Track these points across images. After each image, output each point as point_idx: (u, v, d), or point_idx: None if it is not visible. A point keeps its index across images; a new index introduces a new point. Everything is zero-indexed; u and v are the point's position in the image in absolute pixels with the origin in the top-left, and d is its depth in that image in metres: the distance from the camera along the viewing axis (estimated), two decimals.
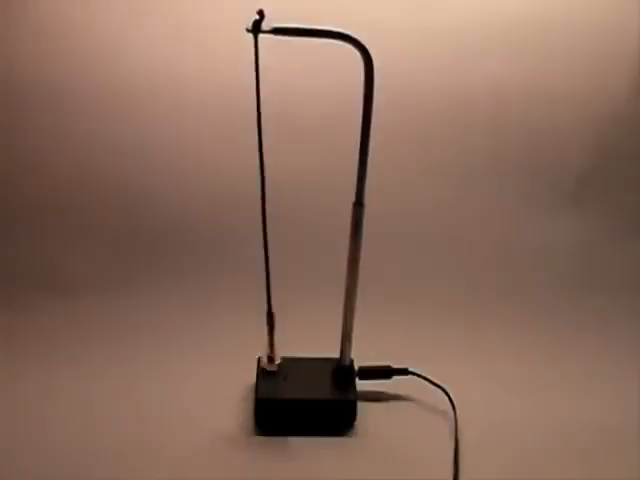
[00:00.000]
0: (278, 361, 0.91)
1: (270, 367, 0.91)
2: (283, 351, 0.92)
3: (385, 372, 0.96)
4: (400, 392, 0.96)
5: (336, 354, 0.93)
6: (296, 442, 0.88)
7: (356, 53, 0.76)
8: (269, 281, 0.85)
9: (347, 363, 0.93)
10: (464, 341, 1.08)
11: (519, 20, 1.24)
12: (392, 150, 1.23)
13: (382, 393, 0.96)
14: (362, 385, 0.94)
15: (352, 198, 0.84)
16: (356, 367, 0.94)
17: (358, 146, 0.81)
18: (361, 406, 0.90)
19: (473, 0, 1.24)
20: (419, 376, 0.96)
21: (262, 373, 0.92)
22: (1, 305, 1.12)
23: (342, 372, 0.93)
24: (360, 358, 0.94)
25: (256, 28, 0.73)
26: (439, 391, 0.95)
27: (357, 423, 0.90)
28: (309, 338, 0.97)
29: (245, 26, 0.73)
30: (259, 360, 0.94)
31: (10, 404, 0.92)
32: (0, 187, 1.23)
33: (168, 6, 1.21)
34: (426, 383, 0.95)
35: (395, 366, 0.96)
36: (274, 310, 0.88)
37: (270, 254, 0.84)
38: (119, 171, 1.25)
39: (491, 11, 1.24)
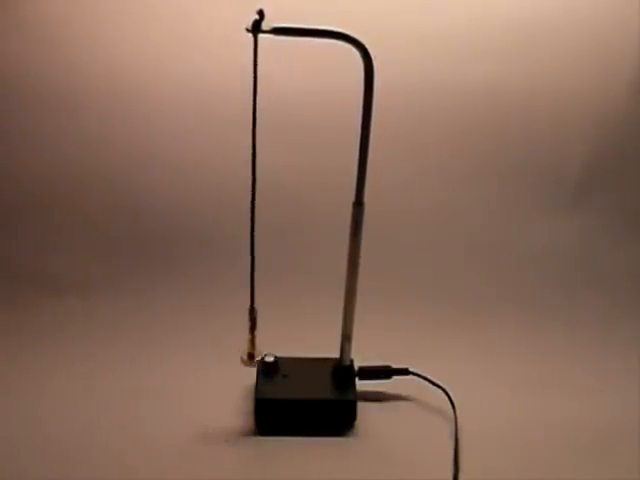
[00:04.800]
0: (259, 357, 0.88)
1: (250, 365, 0.88)
2: (283, 351, 0.92)
3: (385, 372, 0.96)
4: (400, 392, 0.96)
5: (336, 354, 0.93)
6: (296, 442, 0.88)
7: (356, 53, 0.76)
8: (253, 277, 0.85)
9: (347, 363, 0.93)
10: (464, 341, 1.08)
11: (519, 20, 1.24)
12: (392, 150, 1.23)
13: (382, 393, 0.96)
14: (362, 385, 0.93)
15: (352, 198, 0.84)
16: (356, 367, 0.94)
17: (358, 146, 0.81)
18: (361, 406, 0.90)
19: (473, 0, 1.24)
20: (419, 376, 0.96)
21: (261, 370, 0.92)
22: (2, 304, 1.12)
23: (342, 372, 0.93)
24: (360, 358, 0.94)
25: (256, 28, 0.73)
26: (439, 391, 0.95)
27: (357, 423, 0.90)
28: (309, 338, 0.97)
29: (245, 26, 0.73)
30: (259, 360, 0.94)
31: (10, 403, 0.92)
32: (0, 187, 1.23)
33: (168, 6, 1.21)
34: (426, 383, 0.95)
35: (395, 366, 0.96)
36: (273, 310, 0.88)
37: (270, 254, 0.84)
38: (118, 171, 1.24)
39: (491, 11, 1.24)
